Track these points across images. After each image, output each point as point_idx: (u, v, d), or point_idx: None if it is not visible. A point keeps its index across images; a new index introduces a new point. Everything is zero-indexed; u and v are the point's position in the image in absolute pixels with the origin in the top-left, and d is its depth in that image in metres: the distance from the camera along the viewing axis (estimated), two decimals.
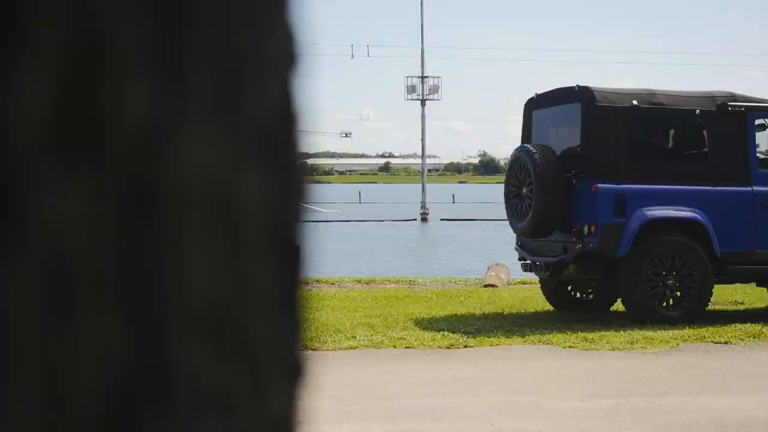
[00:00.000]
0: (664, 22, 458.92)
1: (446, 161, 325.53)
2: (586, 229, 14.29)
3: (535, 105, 15.87)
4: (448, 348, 12.61)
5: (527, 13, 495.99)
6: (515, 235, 15.83)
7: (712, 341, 13.05)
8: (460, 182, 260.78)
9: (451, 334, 13.32)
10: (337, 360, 11.78)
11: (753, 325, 14.14)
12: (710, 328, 13.81)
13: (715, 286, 15.69)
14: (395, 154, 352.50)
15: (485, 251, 44.41)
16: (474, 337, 13.19)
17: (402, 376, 10.85)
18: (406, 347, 12.61)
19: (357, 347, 12.59)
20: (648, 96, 14.78)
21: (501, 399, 9.73)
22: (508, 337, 13.26)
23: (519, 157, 15.04)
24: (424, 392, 10.03)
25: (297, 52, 0.81)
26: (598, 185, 14.24)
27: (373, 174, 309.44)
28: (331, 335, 13.17)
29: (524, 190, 14.96)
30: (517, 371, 11.13)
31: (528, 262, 15.61)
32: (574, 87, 14.84)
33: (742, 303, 17.50)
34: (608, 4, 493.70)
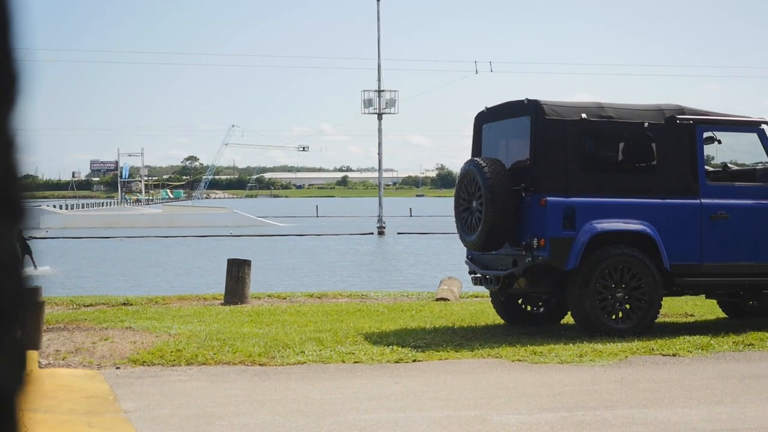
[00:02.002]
0: (619, 35, 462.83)
1: (404, 175, 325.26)
2: (535, 242, 14.29)
3: (485, 118, 15.86)
4: (396, 362, 12.55)
5: (484, 26, 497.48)
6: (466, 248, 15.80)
7: (660, 353, 13.07)
8: (417, 195, 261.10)
9: (400, 349, 13.27)
10: (284, 375, 11.71)
11: (702, 337, 14.18)
12: (659, 341, 13.84)
13: (666, 298, 15.76)
14: (353, 168, 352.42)
15: (440, 265, 44.48)
16: (423, 351, 13.14)
17: (349, 391, 10.79)
18: (355, 362, 12.55)
19: (305, 362, 12.51)
20: (597, 109, 14.82)
21: (447, 413, 9.69)
22: (457, 351, 13.22)
23: (469, 170, 15.03)
24: (370, 407, 9.97)
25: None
26: (548, 198, 14.25)
27: (330, 188, 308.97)
28: (280, 350, 13.08)
29: (474, 204, 14.95)
30: (465, 385, 11.08)
31: (478, 275, 15.58)
32: (523, 100, 14.84)
33: (692, 315, 17.56)
34: (564, 16, 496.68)
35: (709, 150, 15.51)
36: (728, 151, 16.21)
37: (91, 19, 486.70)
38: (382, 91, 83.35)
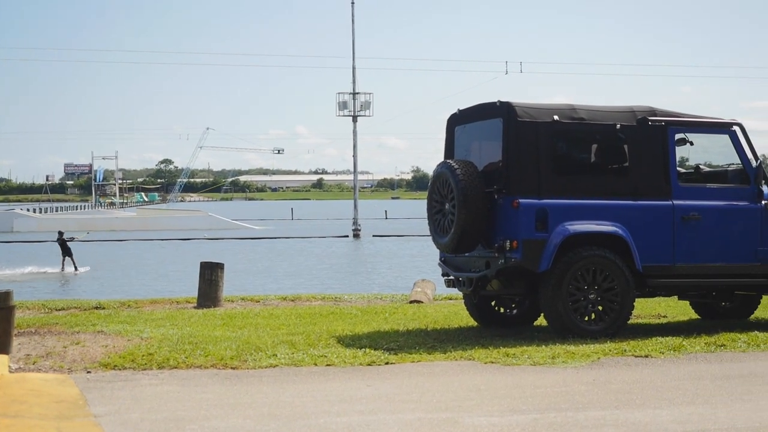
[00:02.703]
0: (596, 36, 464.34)
1: (380, 177, 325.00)
2: (508, 244, 14.28)
3: (457, 120, 15.84)
4: (369, 365, 12.53)
5: (462, 28, 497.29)
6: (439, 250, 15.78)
7: (632, 355, 13.08)
8: (393, 198, 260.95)
9: (373, 351, 13.24)
10: (255, 379, 11.67)
11: (674, 338, 14.21)
12: (631, 342, 13.85)
13: (639, 299, 15.79)
14: (328, 171, 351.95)
15: (415, 267, 44.47)
16: (396, 354, 13.12)
17: (321, 394, 10.76)
18: (327, 365, 12.51)
19: (277, 365, 12.47)
20: (569, 111, 14.82)
21: (418, 416, 9.67)
22: (430, 353, 13.20)
23: (441, 172, 15.01)
24: (342, 410, 9.95)
25: None
26: (520, 200, 14.24)
27: (306, 190, 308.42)
28: (252, 354, 13.04)
29: (447, 206, 14.93)
30: (437, 387, 11.06)
31: (451, 277, 15.57)
32: (495, 102, 14.82)
33: (665, 316, 17.60)
34: (541, 17, 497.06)
35: (681, 151, 15.54)
36: (701, 152, 16.24)
37: (63, 20, 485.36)
38: (357, 93, 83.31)
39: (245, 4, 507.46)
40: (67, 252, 45.25)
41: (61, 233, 46.34)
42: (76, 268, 45.32)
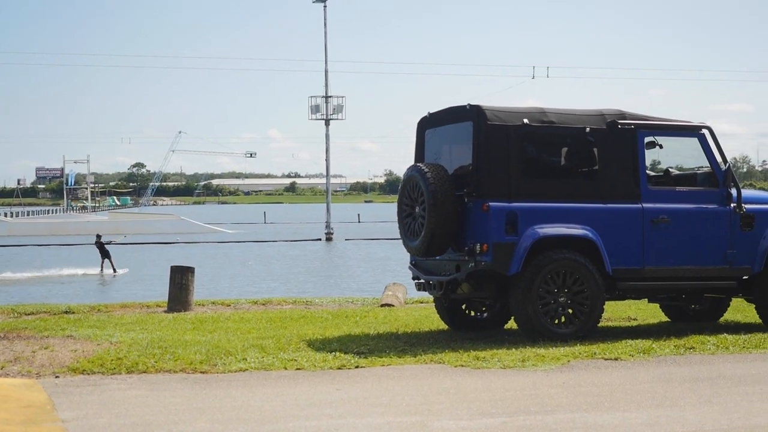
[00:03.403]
0: (566, 39, 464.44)
1: (352, 180, 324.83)
2: (478, 247, 14.29)
3: (427, 124, 15.85)
4: (339, 369, 12.51)
5: (435, 31, 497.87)
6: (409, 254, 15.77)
7: (602, 358, 13.11)
8: (366, 201, 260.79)
9: (343, 355, 13.22)
10: (225, 383, 11.63)
11: (644, 340, 14.24)
12: (601, 345, 13.88)
13: (610, 302, 15.85)
14: (301, 174, 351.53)
15: (387, 270, 44.47)
16: (366, 358, 13.11)
17: (290, 397, 10.73)
18: (297, 369, 12.49)
19: (247, 369, 12.44)
20: (539, 114, 14.84)
21: (387, 419, 9.66)
22: (400, 357, 13.20)
23: (411, 176, 15.01)
24: (311, 414, 9.93)
25: None
26: (490, 204, 14.25)
27: (279, 194, 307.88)
28: (222, 358, 13.00)
29: (417, 209, 14.93)
30: (407, 391, 11.05)
31: (422, 281, 15.57)
32: (465, 106, 14.83)
33: (635, 319, 17.65)
34: (513, 20, 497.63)
35: (651, 154, 15.59)
36: (671, 155, 16.29)
37: (32, 23, 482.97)
38: (330, 96, 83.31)
39: (217, 9, 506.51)
40: (105, 254, 46.18)
41: (98, 236, 47.42)
42: (114, 270, 46.25)
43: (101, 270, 46.15)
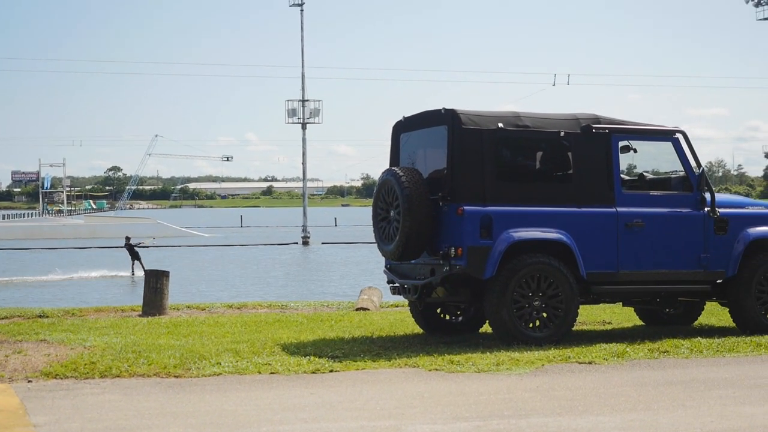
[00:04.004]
0: (543, 44, 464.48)
1: (329, 184, 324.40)
2: (452, 251, 14.29)
3: (402, 128, 15.84)
4: (313, 373, 12.49)
5: (411, 35, 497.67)
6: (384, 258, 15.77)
7: (576, 361, 13.12)
8: (343, 205, 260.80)
9: (317, 359, 13.21)
10: (198, 387, 11.59)
11: (618, 344, 14.28)
12: (575, 349, 13.91)
13: (584, 306, 15.87)
14: (278, 178, 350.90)
15: (363, 274, 44.44)
16: (340, 362, 13.09)
17: (264, 402, 10.71)
18: (271, 373, 12.46)
19: (221, 374, 12.40)
20: (514, 118, 14.85)
21: (361, 423, 9.65)
22: (374, 361, 13.18)
23: (386, 180, 15.00)
24: (284, 418, 9.91)
25: None
26: (465, 208, 14.26)
27: (255, 198, 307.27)
28: (196, 362, 12.96)
29: (392, 213, 14.92)
30: (381, 395, 11.04)
31: (397, 285, 15.56)
32: (440, 110, 14.84)
33: (609, 323, 17.69)
34: (493, 26, 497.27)
35: (625, 158, 15.62)
36: (645, 159, 16.34)
37: (7, 28, 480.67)
38: (306, 100, 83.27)
39: (194, 13, 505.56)
40: (135, 256, 46.51)
41: (128, 238, 47.94)
42: (145, 272, 45.42)
43: (132, 271, 46.64)
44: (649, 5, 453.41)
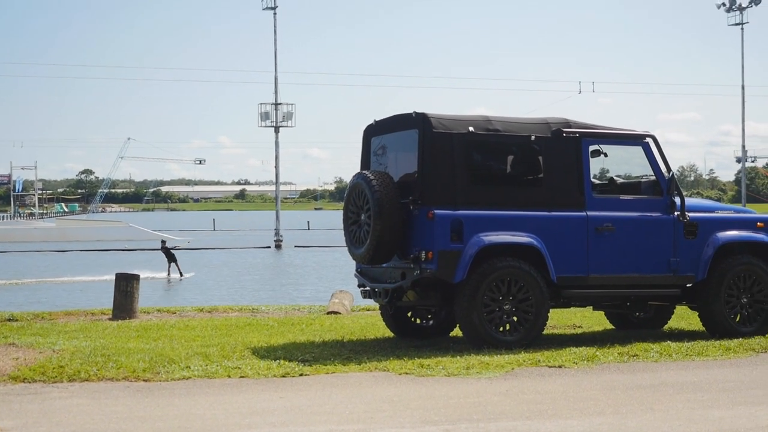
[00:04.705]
0: (514, 49, 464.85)
1: (302, 188, 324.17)
2: (423, 255, 14.29)
3: (373, 131, 15.84)
4: (283, 376, 12.46)
5: (384, 40, 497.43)
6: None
7: (546, 365, 13.14)
8: (316, 209, 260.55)
9: (287, 363, 13.18)
10: (167, 391, 11.55)
11: (588, 348, 14.31)
12: (546, 352, 13.93)
13: (556, 309, 15.90)
14: (251, 181, 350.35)
15: (336, 278, 44.39)
16: (310, 365, 13.07)
17: (233, 406, 10.68)
18: (241, 377, 12.43)
19: (190, 377, 12.36)
20: (484, 123, 14.87)
21: (330, 427, 9.64)
22: (344, 365, 13.16)
23: (357, 183, 14.99)
24: (253, 422, 9.88)
25: None
26: (435, 211, 14.26)
27: (228, 201, 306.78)
28: (165, 366, 12.91)
29: (362, 217, 14.91)
30: (350, 399, 11.03)
31: (367, 288, 15.55)
32: (411, 114, 14.84)
33: (580, 326, 17.73)
34: (463, 29, 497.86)
35: (596, 163, 15.67)
36: (616, 164, 16.39)
37: None
38: (279, 104, 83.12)
39: (166, 16, 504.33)
40: (171, 259, 47.08)
41: (163, 242, 49.32)
42: (181, 274, 47.10)
43: (168, 274, 47.10)
44: (621, 9, 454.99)
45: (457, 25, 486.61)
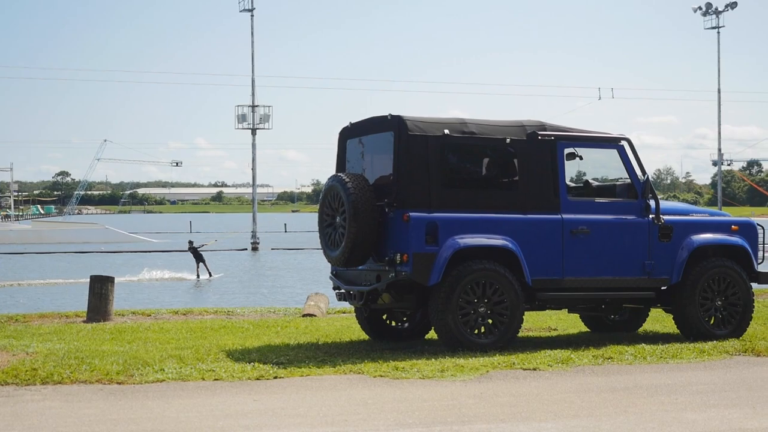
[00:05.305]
0: (495, 55, 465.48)
1: (279, 190, 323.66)
2: (398, 257, 14.28)
3: (349, 134, 15.82)
4: (257, 379, 12.43)
5: (361, 42, 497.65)
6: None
7: (521, 368, 13.15)
8: (293, 211, 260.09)
9: (261, 365, 13.15)
10: (141, 394, 11.51)
11: (563, 351, 14.32)
12: (520, 355, 13.94)
13: (531, 312, 15.91)
14: (228, 184, 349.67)
15: (313, 280, 44.34)
16: (285, 368, 13.04)
17: (206, 408, 10.65)
18: (215, 379, 12.39)
19: (164, 380, 12.32)
20: (460, 125, 14.87)
21: (302, 430, 9.63)
22: (319, 367, 13.15)
23: (332, 186, 14.97)
24: (226, 425, 9.85)
25: None
26: (410, 214, 14.25)
27: (205, 203, 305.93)
28: (139, 368, 12.86)
29: (338, 219, 14.89)
30: (324, 402, 11.01)
31: (343, 291, 15.54)
32: (386, 116, 14.83)
33: (555, 329, 17.74)
34: (439, 34, 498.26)
35: (572, 166, 15.69)
36: (592, 166, 16.42)
37: None
38: (256, 106, 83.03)
39: (142, 17, 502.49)
40: (200, 259, 47.51)
41: (191, 242, 49.48)
42: (210, 275, 47.66)
43: (197, 274, 47.52)
44: (597, 12, 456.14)
45: (432, 28, 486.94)
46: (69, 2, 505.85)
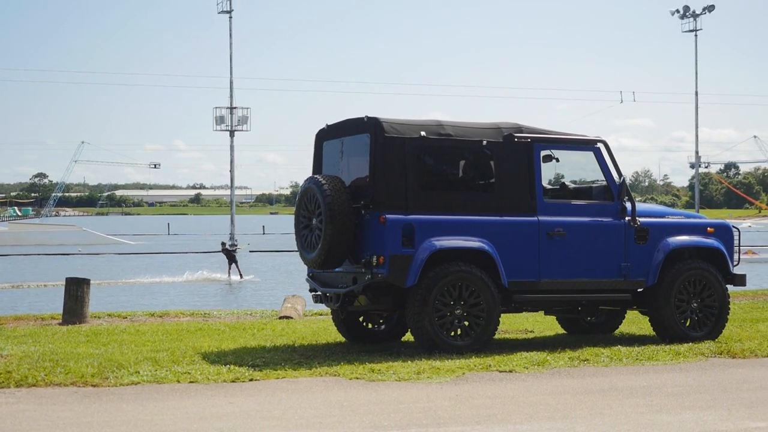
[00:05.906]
0: (475, 57, 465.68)
1: (258, 192, 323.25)
2: (374, 259, 14.27)
3: (325, 135, 15.80)
4: (233, 381, 12.40)
5: (339, 44, 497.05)
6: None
7: (497, 370, 13.15)
8: (271, 213, 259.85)
9: (237, 368, 13.11)
10: (116, 396, 11.46)
11: (539, 353, 14.33)
12: (497, 357, 13.94)
13: (508, 314, 15.90)
14: (206, 186, 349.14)
15: (290, 282, 44.32)
16: (260, 370, 13.01)
17: (181, 411, 10.61)
18: (190, 382, 12.36)
19: (139, 383, 12.27)
20: (436, 127, 14.86)
21: None
22: (295, 370, 13.12)
23: (308, 188, 14.95)
24: (201, 427, 9.82)
25: None
26: (387, 216, 14.23)
27: (183, 205, 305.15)
28: (114, 371, 12.81)
29: (314, 221, 14.87)
30: (300, 404, 10.98)
31: (319, 293, 15.52)
32: (363, 118, 14.82)
33: (532, 331, 17.75)
34: (420, 36, 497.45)
35: (549, 168, 15.69)
36: (570, 169, 16.44)
37: None
38: (235, 108, 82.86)
39: (121, 19, 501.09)
40: (232, 260, 48.31)
41: (224, 243, 51.33)
42: (241, 276, 48.31)
43: (229, 275, 48.15)
44: (573, 15, 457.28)
45: (413, 30, 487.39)
46: (45, 4, 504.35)
